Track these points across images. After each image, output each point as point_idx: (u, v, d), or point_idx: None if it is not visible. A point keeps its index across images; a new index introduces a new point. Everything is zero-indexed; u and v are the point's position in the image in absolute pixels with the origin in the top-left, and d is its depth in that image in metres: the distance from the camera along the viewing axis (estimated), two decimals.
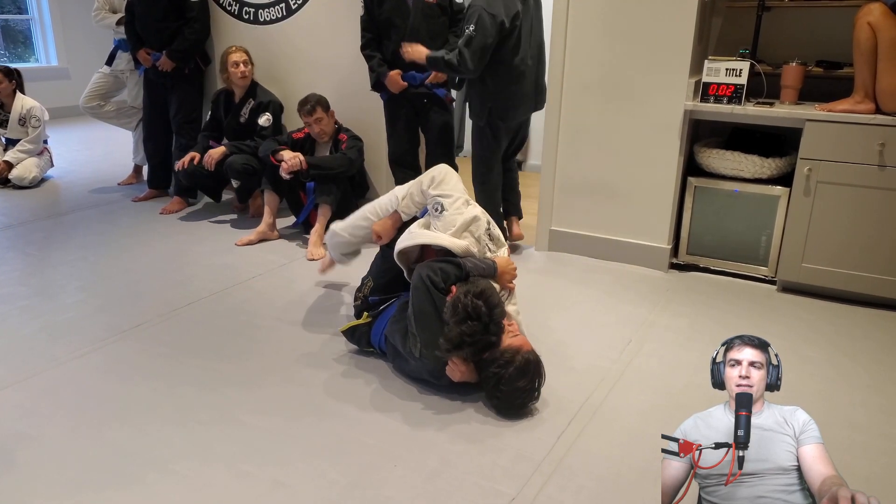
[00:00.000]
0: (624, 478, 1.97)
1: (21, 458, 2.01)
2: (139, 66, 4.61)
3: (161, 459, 2.02)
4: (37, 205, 4.69)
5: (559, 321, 3.02)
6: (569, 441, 2.14)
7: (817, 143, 3.10)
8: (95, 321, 2.91)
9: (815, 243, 3.20)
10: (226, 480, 1.94)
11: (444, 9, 3.68)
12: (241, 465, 2.00)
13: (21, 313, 2.98)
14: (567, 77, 3.60)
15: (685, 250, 3.58)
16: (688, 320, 3.03)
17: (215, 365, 2.57)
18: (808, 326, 2.99)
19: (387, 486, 1.92)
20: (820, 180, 3.13)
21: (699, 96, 3.37)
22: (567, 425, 2.22)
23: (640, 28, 3.37)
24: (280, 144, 3.95)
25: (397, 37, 3.68)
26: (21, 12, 8.59)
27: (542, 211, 3.86)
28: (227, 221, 4.35)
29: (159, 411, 2.27)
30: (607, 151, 3.60)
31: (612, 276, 3.53)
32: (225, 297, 3.18)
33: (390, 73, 3.72)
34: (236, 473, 1.97)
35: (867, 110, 3.02)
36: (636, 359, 2.68)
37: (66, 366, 2.55)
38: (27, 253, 3.75)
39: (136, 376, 2.49)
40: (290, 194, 4.09)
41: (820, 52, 3.46)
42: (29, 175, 5.10)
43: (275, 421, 2.22)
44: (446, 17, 3.70)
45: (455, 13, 3.71)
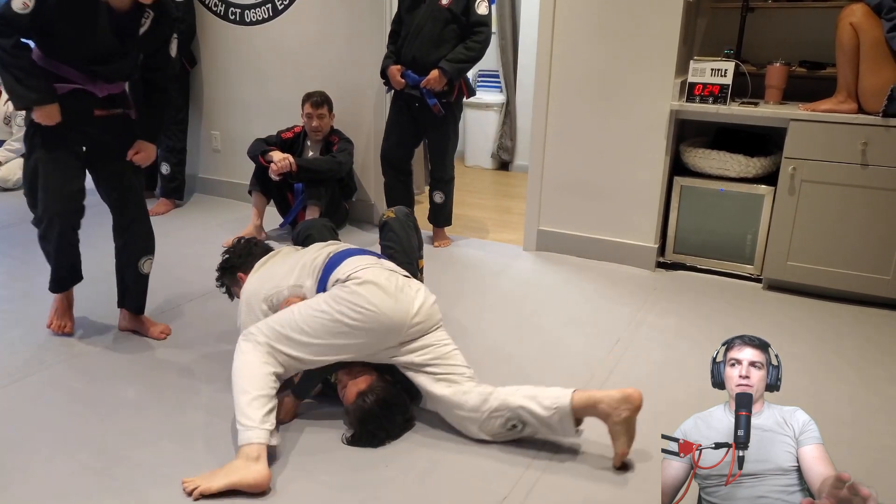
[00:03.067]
0: (616, 475, 1.98)
1: (8, 463, 1.99)
2: None
3: (150, 462, 2.01)
4: (20, 207, 4.59)
5: (547, 320, 3.03)
6: (559, 440, 2.15)
7: (801, 143, 3.13)
8: (82, 324, 2.89)
9: (800, 241, 3.24)
10: None
11: (457, 16, 3.61)
12: None
13: (5, 317, 2.96)
14: (554, 77, 3.61)
15: (672, 249, 3.61)
16: (675, 319, 3.05)
17: (204, 366, 2.56)
18: (793, 323, 3.03)
19: (379, 487, 1.92)
20: (804, 179, 3.16)
21: (685, 96, 3.40)
22: None
23: (626, 28, 3.39)
24: (269, 145, 3.94)
25: (404, 34, 3.70)
26: None
27: (530, 211, 3.88)
28: (214, 223, 4.33)
29: (148, 414, 2.25)
30: (594, 151, 3.62)
31: (600, 275, 3.55)
32: (212, 298, 3.16)
33: (391, 67, 3.73)
34: None
35: (850, 110, 3.06)
36: (624, 357, 2.70)
37: (53, 369, 2.53)
38: (11, 256, 3.71)
39: (125, 379, 2.47)
40: (277, 195, 4.08)
41: (803, 52, 3.50)
42: (13, 177, 5.04)
43: None
44: (457, 24, 3.63)
45: (472, 24, 3.63)
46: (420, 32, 3.64)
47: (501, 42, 5.96)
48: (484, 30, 3.65)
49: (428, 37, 3.63)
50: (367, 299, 2.09)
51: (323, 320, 2.09)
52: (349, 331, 2.09)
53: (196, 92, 4.74)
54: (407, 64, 3.71)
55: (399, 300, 2.15)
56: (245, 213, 4.27)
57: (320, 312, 2.10)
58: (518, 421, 2.06)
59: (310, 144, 4.04)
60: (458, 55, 3.62)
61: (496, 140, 6.19)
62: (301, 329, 2.09)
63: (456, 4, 3.59)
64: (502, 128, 6.15)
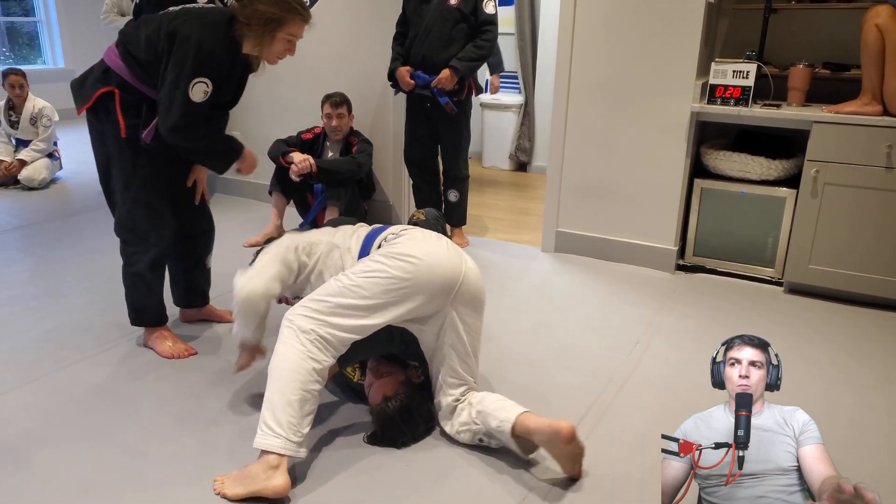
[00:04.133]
0: (633, 479, 1.98)
1: (33, 457, 2.02)
2: None
3: (172, 460, 2.03)
4: (45, 206, 4.72)
5: (566, 323, 3.02)
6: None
7: (824, 145, 3.10)
8: (104, 322, 2.93)
9: (822, 245, 3.21)
10: None
11: (466, 16, 3.65)
12: None
13: (30, 314, 3.00)
14: (573, 78, 3.61)
15: (692, 252, 3.59)
16: (694, 322, 3.03)
17: (225, 365, 2.58)
18: (814, 328, 3.00)
19: (398, 486, 1.93)
20: (827, 182, 3.13)
21: (706, 98, 3.37)
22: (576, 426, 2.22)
23: (647, 29, 3.37)
24: (289, 146, 3.97)
25: (412, 35, 3.72)
26: (28, 14, 8.64)
27: (548, 212, 3.87)
28: (235, 223, 4.36)
29: (170, 410, 2.28)
30: (614, 153, 3.61)
31: (619, 277, 3.54)
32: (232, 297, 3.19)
33: (400, 69, 3.75)
34: None
35: (874, 112, 3.02)
36: (643, 360, 2.69)
37: (76, 366, 2.56)
38: (36, 254, 3.77)
39: (147, 377, 2.50)
40: (297, 196, 4.10)
41: (827, 53, 3.46)
42: (38, 177, 5.13)
43: None
44: (466, 24, 3.67)
45: (481, 24, 3.68)
46: (430, 32, 3.66)
47: (520, 43, 5.96)
48: (493, 28, 3.71)
49: (437, 36, 3.65)
50: (420, 248, 2.02)
51: (376, 278, 1.97)
52: (404, 285, 1.97)
53: None
54: (416, 64, 3.73)
55: (451, 251, 2.09)
56: (265, 213, 4.30)
57: (372, 271, 1.99)
58: (484, 435, 2.06)
59: (329, 145, 4.07)
60: (468, 54, 3.66)
61: (514, 141, 6.19)
62: (353, 292, 1.96)
63: (465, 4, 3.63)
64: (520, 129, 6.14)
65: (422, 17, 3.68)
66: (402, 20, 3.84)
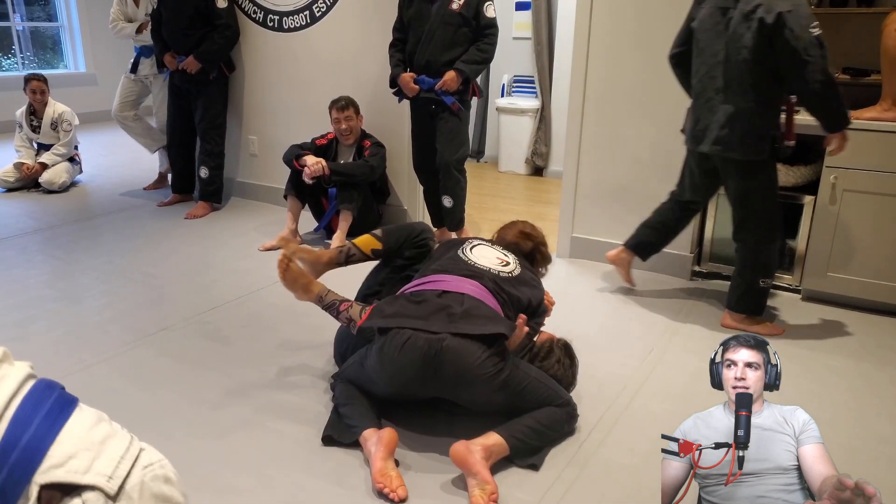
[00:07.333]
0: (646, 486, 1.96)
1: None
2: (163, 69, 4.68)
3: (185, 464, 2.04)
4: (64, 209, 4.77)
5: (580, 328, 3.01)
6: (591, 449, 2.13)
7: (844, 152, 3.06)
8: (121, 325, 2.96)
9: (841, 252, 3.17)
10: (251, 485, 1.96)
11: (468, 20, 3.65)
12: (266, 471, 2.02)
13: (49, 316, 3.04)
14: (590, 83, 3.59)
15: (708, 258, 3.56)
16: (710, 329, 3.00)
17: (239, 370, 2.60)
18: (832, 336, 2.96)
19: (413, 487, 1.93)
20: (846, 188, 3.09)
21: None
22: (589, 434, 2.21)
23: (663, 34, 3.34)
24: (303, 150, 3.99)
25: (414, 40, 3.72)
26: (50, 19, 8.77)
27: (564, 217, 3.86)
28: (251, 226, 4.39)
29: (184, 415, 2.30)
30: (629, 158, 3.59)
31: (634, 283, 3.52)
32: (248, 301, 3.21)
33: (403, 75, 3.76)
34: (260, 478, 1.99)
35: (894, 118, 2.98)
36: (658, 367, 2.67)
37: (93, 369, 2.59)
38: (55, 257, 3.82)
39: (161, 380, 2.52)
40: (312, 200, 4.13)
41: (847, 59, 3.43)
42: (59, 180, 5.19)
43: (298, 427, 2.23)
44: (469, 28, 3.67)
45: (483, 27, 3.68)
46: (433, 37, 3.66)
47: (537, 47, 5.95)
48: (495, 32, 3.72)
49: (440, 40, 3.66)
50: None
51: None
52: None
53: (235, 97, 4.82)
54: (420, 69, 3.72)
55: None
56: (281, 216, 4.33)
57: None
58: None
59: (342, 150, 4.08)
60: (473, 56, 3.67)
61: (530, 145, 6.18)
62: None
63: (467, 9, 3.63)
64: (537, 133, 6.13)
65: (423, 22, 3.69)
66: (399, 25, 3.83)
